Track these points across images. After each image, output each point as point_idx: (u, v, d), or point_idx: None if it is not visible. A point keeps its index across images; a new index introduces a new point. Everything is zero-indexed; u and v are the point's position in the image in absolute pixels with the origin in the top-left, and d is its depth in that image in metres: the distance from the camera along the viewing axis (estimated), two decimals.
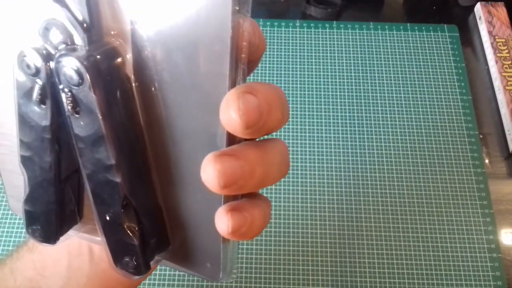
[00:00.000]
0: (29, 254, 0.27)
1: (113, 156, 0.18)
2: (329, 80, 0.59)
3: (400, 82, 0.59)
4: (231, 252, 0.21)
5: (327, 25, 0.64)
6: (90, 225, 0.23)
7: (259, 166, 0.17)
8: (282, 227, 0.50)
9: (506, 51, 0.60)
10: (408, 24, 0.63)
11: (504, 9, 0.63)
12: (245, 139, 0.18)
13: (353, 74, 0.60)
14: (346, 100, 0.58)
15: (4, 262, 0.27)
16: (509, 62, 0.59)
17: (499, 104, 0.58)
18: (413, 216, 0.51)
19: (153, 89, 0.18)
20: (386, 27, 0.63)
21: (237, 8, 0.15)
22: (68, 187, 0.21)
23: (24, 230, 0.49)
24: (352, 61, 0.61)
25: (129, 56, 0.18)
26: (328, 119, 0.56)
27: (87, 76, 0.17)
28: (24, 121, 0.19)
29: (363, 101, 0.58)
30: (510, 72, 0.58)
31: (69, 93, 0.17)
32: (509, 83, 0.57)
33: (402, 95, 0.58)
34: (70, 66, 0.17)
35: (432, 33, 0.63)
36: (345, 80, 0.59)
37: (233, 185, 0.17)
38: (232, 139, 0.18)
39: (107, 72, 0.17)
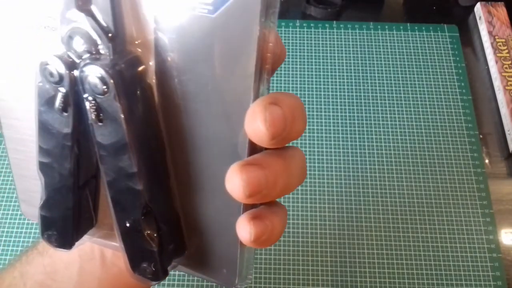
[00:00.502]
0: (40, 258, 0.27)
1: (135, 164, 0.18)
2: (329, 80, 0.59)
3: (400, 82, 0.59)
4: (248, 258, 0.21)
5: (327, 25, 0.64)
6: (105, 230, 0.23)
7: (282, 175, 0.18)
8: None
9: (506, 51, 0.60)
10: (408, 24, 0.63)
11: (504, 9, 0.63)
12: (266, 148, 0.18)
13: (353, 74, 0.60)
14: (346, 100, 0.58)
15: (13, 265, 0.27)
16: (509, 62, 0.59)
17: (499, 104, 0.58)
18: (413, 216, 0.51)
19: (175, 97, 0.18)
20: (386, 27, 0.63)
21: (263, 20, 0.16)
22: (85, 193, 0.21)
23: (24, 231, 0.50)
24: (352, 61, 0.61)
25: (151, 64, 0.18)
26: (328, 119, 0.56)
27: (112, 85, 0.17)
28: (44, 128, 0.19)
29: (363, 101, 0.58)
30: (510, 72, 0.58)
31: (93, 102, 0.17)
32: (509, 83, 0.57)
33: (402, 95, 0.58)
34: (95, 75, 0.17)
35: (432, 33, 0.63)
36: (345, 80, 0.59)
37: (257, 195, 0.17)
38: (253, 148, 0.18)
39: (131, 81, 0.17)
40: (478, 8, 0.64)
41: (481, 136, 0.56)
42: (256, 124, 0.16)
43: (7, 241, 0.49)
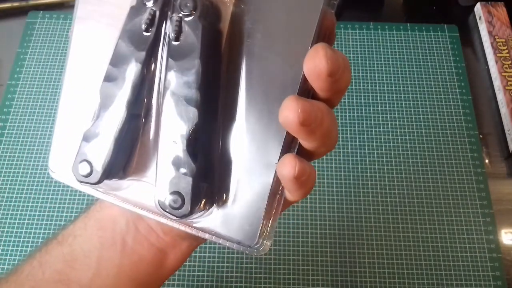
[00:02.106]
0: (59, 247, 0.27)
1: (201, 78, 0.20)
2: None
3: (400, 82, 0.59)
4: (272, 220, 0.22)
5: None
6: (132, 178, 0.23)
7: (327, 118, 0.20)
8: (282, 227, 0.50)
9: (506, 51, 0.60)
10: (408, 24, 0.63)
11: (504, 9, 0.63)
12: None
13: (353, 74, 0.60)
14: (346, 100, 0.58)
15: (33, 256, 0.27)
16: (509, 62, 0.59)
17: (499, 104, 0.58)
18: (413, 216, 0.51)
19: (244, 36, 0.21)
20: (386, 27, 0.63)
21: None
22: (133, 126, 0.22)
23: (23, 230, 0.49)
24: (352, 61, 0.61)
25: (231, 10, 0.21)
26: None
27: (200, 8, 0.20)
28: (120, 49, 0.21)
29: (363, 101, 0.58)
30: (510, 72, 0.58)
31: (178, 22, 0.20)
32: (509, 83, 0.57)
33: (402, 95, 0.58)
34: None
35: (432, 33, 0.63)
36: None
37: (308, 125, 0.19)
38: (302, 93, 0.20)
39: (214, 11, 0.21)
40: (478, 8, 0.64)
41: (481, 136, 0.56)
42: (317, 59, 0.18)
43: (7, 241, 0.49)
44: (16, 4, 0.63)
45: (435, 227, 0.50)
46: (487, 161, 0.55)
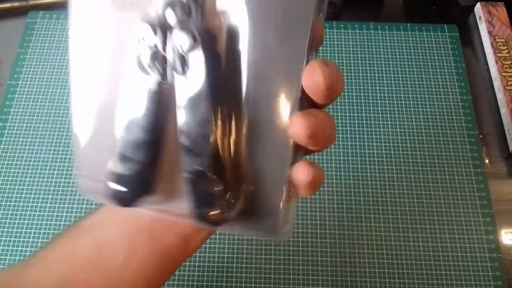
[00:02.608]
0: (85, 235, 0.28)
1: (211, 110, 0.22)
2: None
3: (400, 82, 0.59)
4: (290, 208, 0.24)
5: (327, 25, 0.64)
6: (161, 196, 0.25)
7: (328, 125, 0.23)
8: None
9: (506, 51, 0.60)
10: (408, 24, 0.63)
11: (504, 9, 0.63)
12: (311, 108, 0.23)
13: (353, 74, 0.60)
14: (346, 100, 0.58)
15: (57, 244, 0.28)
16: (509, 62, 0.59)
17: (499, 104, 0.58)
18: (413, 216, 0.51)
19: (241, 58, 0.22)
20: (386, 27, 0.63)
21: (318, 7, 0.21)
22: (156, 150, 0.24)
23: (23, 230, 0.49)
24: (352, 61, 0.61)
25: (225, 30, 0.22)
26: None
27: (201, 42, 0.21)
28: (130, 80, 0.23)
29: (363, 101, 0.58)
30: (510, 72, 0.58)
31: (182, 56, 0.21)
32: (509, 83, 0.57)
33: (402, 95, 0.58)
34: (188, 32, 0.21)
35: (432, 33, 0.63)
36: (345, 80, 0.59)
37: (314, 137, 0.22)
38: (302, 105, 0.22)
39: (211, 37, 0.22)
40: (478, 8, 0.64)
41: (481, 136, 0.56)
42: (315, 76, 0.21)
43: (7, 241, 0.49)
44: (16, 4, 0.63)
45: (435, 227, 0.50)
46: (487, 161, 0.55)
